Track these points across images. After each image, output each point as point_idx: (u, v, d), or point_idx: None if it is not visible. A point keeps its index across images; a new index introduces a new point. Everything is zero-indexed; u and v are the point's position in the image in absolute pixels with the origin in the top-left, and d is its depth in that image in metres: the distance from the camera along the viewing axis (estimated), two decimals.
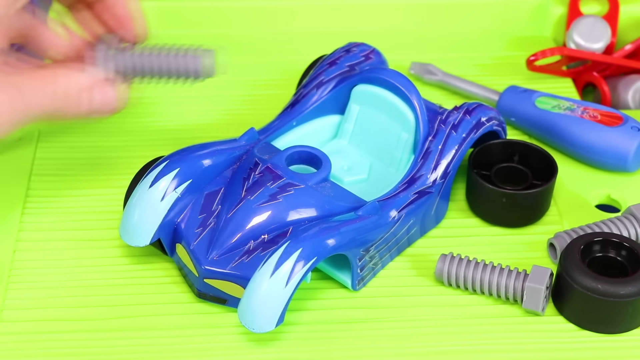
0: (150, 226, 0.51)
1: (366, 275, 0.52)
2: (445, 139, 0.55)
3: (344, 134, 0.59)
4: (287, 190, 0.51)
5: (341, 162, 0.57)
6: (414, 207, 0.53)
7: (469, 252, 0.53)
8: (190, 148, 0.53)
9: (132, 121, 0.65)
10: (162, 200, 0.51)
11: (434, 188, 0.54)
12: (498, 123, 0.58)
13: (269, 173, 0.52)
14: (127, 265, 0.54)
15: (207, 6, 0.74)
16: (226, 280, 0.50)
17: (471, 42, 0.74)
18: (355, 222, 0.50)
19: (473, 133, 0.56)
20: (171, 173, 0.51)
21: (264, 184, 0.51)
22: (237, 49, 0.72)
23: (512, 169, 0.58)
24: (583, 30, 0.70)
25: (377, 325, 0.51)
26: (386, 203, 0.52)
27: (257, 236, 0.50)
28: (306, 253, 0.47)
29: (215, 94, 0.68)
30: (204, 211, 0.52)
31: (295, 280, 0.47)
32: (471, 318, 0.51)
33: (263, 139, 0.56)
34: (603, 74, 0.71)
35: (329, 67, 0.60)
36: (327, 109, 0.59)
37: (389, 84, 0.57)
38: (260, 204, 0.51)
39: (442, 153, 0.55)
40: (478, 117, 0.56)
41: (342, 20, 0.75)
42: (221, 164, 0.53)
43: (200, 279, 0.50)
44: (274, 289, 0.47)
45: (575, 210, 0.58)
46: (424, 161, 0.55)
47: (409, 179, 0.54)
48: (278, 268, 0.47)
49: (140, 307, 0.51)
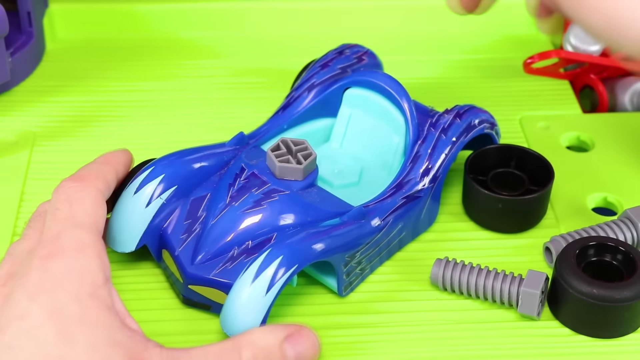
0: (136, 232, 0.51)
1: (354, 281, 0.52)
2: (435, 143, 0.55)
3: (335, 138, 0.59)
4: (272, 196, 0.51)
5: (332, 166, 0.57)
6: (402, 212, 0.53)
7: (465, 257, 0.53)
8: (177, 153, 0.53)
9: (127, 125, 0.65)
10: (147, 206, 0.51)
11: (423, 192, 0.54)
12: (490, 126, 0.57)
13: (255, 179, 0.52)
14: (114, 271, 0.53)
15: (201, 8, 0.74)
16: (210, 287, 0.49)
17: (468, 45, 0.74)
18: (339, 228, 0.50)
19: (463, 136, 0.55)
20: (157, 179, 0.51)
21: (249, 190, 0.51)
22: (230, 51, 0.72)
23: (509, 174, 0.58)
24: (580, 32, 0.70)
25: (372, 330, 0.50)
26: (373, 208, 0.52)
27: (242, 242, 0.50)
28: (288, 260, 0.47)
29: (208, 97, 0.68)
30: (189, 217, 0.52)
31: (276, 287, 0.46)
32: (466, 323, 0.51)
33: (252, 143, 0.56)
34: (600, 76, 0.70)
35: (320, 69, 0.59)
36: (319, 112, 0.59)
37: (379, 87, 0.57)
38: (244, 210, 0.50)
39: (432, 157, 0.55)
40: (469, 120, 0.56)
41: (337, 22, 0.74)
42: (208, 169, 0.53)
43: (185, 284, 0.50)
44: (255, 296, 0.46)
45: (572, 214, 0.58)
46: (413, 165, 0.54)
47: (397, 183, 0.54)
48: (259, 275, 0.46)
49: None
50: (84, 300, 0.42)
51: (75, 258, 0.43)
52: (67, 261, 0.43)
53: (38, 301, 0.42)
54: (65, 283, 0.42)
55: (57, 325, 0.41)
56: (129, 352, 0.42)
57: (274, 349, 0.45)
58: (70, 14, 0.74)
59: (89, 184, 0.48)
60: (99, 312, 0.42)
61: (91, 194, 0.47)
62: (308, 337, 0.46)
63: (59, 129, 0.65)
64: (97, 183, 0.48)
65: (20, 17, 0.69)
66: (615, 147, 0.63)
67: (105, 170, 0.50)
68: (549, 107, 0.68)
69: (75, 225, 0.45)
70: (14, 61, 0.67)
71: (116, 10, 0.74)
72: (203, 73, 0.70)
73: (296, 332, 0.45)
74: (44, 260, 0.43)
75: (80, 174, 0.49)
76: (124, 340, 0.42)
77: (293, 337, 0.45)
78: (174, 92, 0.69)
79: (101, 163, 0.51)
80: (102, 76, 0.70)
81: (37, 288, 0.42)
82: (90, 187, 0.48)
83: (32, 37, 0.70)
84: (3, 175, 0.60)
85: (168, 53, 0.72)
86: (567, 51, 0.69)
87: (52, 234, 0.45)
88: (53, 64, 0.71)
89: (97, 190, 0.48)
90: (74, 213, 0.46)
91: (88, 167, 0.50)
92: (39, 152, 0.62)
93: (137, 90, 0.69)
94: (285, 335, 0.45)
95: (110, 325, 0.42)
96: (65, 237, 0.44)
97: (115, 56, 0.72)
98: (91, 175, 0.49)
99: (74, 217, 0.46)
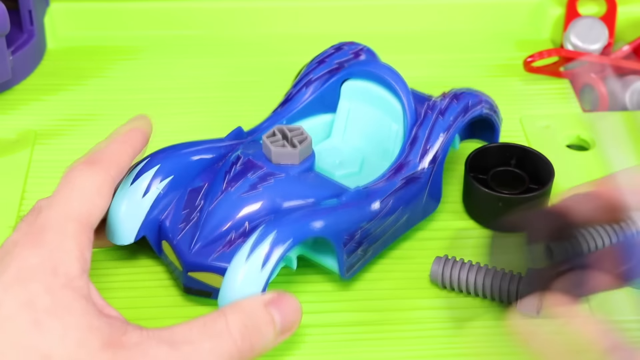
0: (134, 223, 0.51)
1: (355, 263, 0.51)
2: (432, 125, 0.55)
3: (336, 132, 0.59)
4: (268, 179, 0.51)
5: (333, 159, 0.57)
6: (402, 194, 0.53)
7: (464, 255, 0.53)
8: (174, 146, 0.53)
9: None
10: (143, 196, 0.51)
11: (423, 174, 0.54)
12: (489, 108, 0.57)
13: (251, 165, 0.52)
14: (115, 269, 0.54)
15: (201, 8, 0.74)
16: (209, 272, 0.49)
17: (468, 44, 0.74)
18: (336, 207, 0.50)
19: (461, 117, 0.56)
20: (152, 169, 0.51)
21: (245, 175, 0.51)
22: (231, 49, 0.73)
23: (509, 172, 0.58)
24: (580, 31, 0.70)
25: (371, 328, 0.50)
26: (373, 190, 0.52)
27: (239, 227, 0.50)
28: (282, 235, 0.47)
29: (208, 96, 0.68)
30: (187, 207, 0.52)
31: (271, 262, 0.46)
32: (466, 321, 0.51)
33: (251, 138, 0.56)
34: (600, 75, 0.70)
35: (317, 65, 0.60)
36: (318, 107, 0.59)
37: (375, 76, 0.57)
38: (240, 194, 0.50)
39: (429, 139, 0.55)
40: (466, 101, 0.56)
41: (337, 22, 0.75)
42: (205, 161, 0.53)
43: (185, 272, 0.50)
44: (250, 272, 0.46)
45: None
46: (412, 148, 0.55)
47: (396, 166, 0.54)
48: (253, 251, 0.46)
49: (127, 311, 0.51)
50: (56, 291, 0.42)
51: (52, 250, 0.43)
52: (43, 252, 0.43)
53: (10, 292, 0.42)
54: (39, 274, 0.42)
55: (29, 315, 0.41)
56: (106, 337, 0.42)
57: (260, 313, 0.45)
58: (71, 13, 0.74)
59: (99, 169, 0.47)
60: (73, 300, 0.42)
61: (96, 182, 0.47)
62: (291, 301, 0.46)
63: (59, 127, 0.65)
64: (109, 169, 0.47)
65: (21, 15, 0.69)
66: (615, 145, 0.63)
67: (120, 152, 0.49)
68: (549, 106, 0.68)
69: (65, 214, 0.45)
70: (15, 60, 0.67)
71: (117, 9, 0.74)
72: (203, 72, 0.70)
73: (280, 297, 0.46)
74: (22, 251, 0.43)
75: (94, 157, 0.48)
76: (100, 325, 0.42)
77: (277, 301, 0.46)
78: (174, 90, 0.69)
79: (118, 142, 0.49)
80: (102, 75, 0.70)
81: (11, 279, 0.42)
82: (99, 174, 0.47)
83: (33, 35, 0.70)
84: (4, 173, 0.60)
85: (169, 51, 0.73)
86: (567, 50, 0.69)
87: (39, 223, 0.44)
88: (54, 62, 0.72)
89: (105, 177, 0.47)
90: (70, 200, 0.46)
91: (103, 149, 0.49)
92: (39, 151, 0.62)
93: (138, 89, 0.69)
94: (270, 299, 0.45)
95: (86, 312, 0.42)
96: (49, 227, 0.44)
97: (115, 55, 0.72)
98: (104, 159, 0.48)
99: (68, 204, 0.45)
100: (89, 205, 0.46)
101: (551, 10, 0.74)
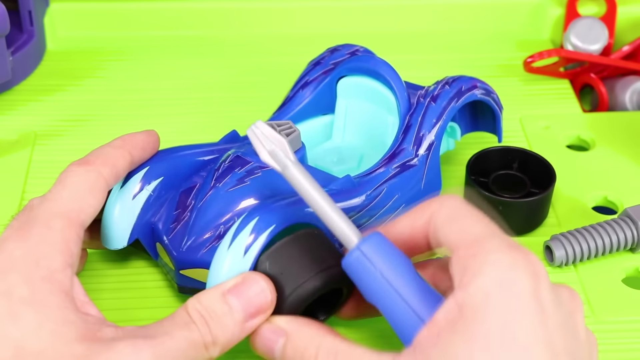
0: (126, 226, 0.50)
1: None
2: (425, 111, 0.55)
3: (337, 132, 0.59)
4: (255, 173, 0.50)
5: (332, 156, 0.57)
6: (396, 182, 0.53)
7: None
8: (166, 149, 0.53)
9: (128, 124, 0.65)
10: (134, 198, 0.51)
11: (419, 161, 0.54)
12: (484, 92, 0.57)
13: (239, 160, 0.51)
14: (113, 270, 0.54)
15: (201, 8, 0.74)
16: (200, 268, 0.49)
17: (468, 44, 0.74)
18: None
19: (454, 102, 0.55)
20: (141, 171, 0.51)
21: (232, 170, 0.51)
22: (230, 50, 0.73)
23: (511, 176, 0.58)
24: (580, 31, 0.70)
25: (371, 327, 0.50)
26: (365, 179, 0.52)
27: (228, 221, 0.50)
28: (264, 221, 0.46)
29: (208, 97, 0.68)
30: (178, 207, 0.51)
31: (254, 249, 0.46)
32: None
33: (247, 141, 0.55)
34: (600, 75, 0.71)
35: (314, 67, 0.60)
36: (316, 109, 0.59)
37: (367, 70, 0.57)
38: (228, 189, 0.50)
39: (422, 124, 0.54)
40: (459, 86, 0.56)
41: (338, 22, 0.75)
42: (197, 163, 0.53)
43: (177, 271, 0.50)
44: (233, 260, 0.46)
45: (573, 215, 0.57)
46: (405, 135, 0.54)
47: (390, 154, 0.54)
48: (235, 239, 0.46)
49: (123, 312, 0.51)
50: (35, 283, 0.42)
51: (37, 242, 0.43)
52: (27, 245, 0.43)
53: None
54: (20, 265, 0.42)
55: (5, 305, 0.41)
56: (81, 332, 0.41)
57: (217, 303, 0.44)
58: (71, 13, 0.74)
59: (92, 168, 0.47)
60: (51, 294, 0.42)
61: (89, 180, 0.47)
62: (254, 283, 0.45)
63: (59, 128, 0.65)
64: (102, 169, 0.47)
65: (21, 16, 0.69)
66: (615, 146, 0.63)
67: (116, 156, 0.49)
68: (549, 107, 0.68)
69: (54, 210, 0.45)
70: (14, 60, 0.67)
71: (117, 9, 0.74)
72: (204, 73, 0.70)
73: (239, 282, 0.45)
74: (8, 244, 0.43)
75: (88, 158, 0.48)
76: (75, 320, 0.42)
77: (236, 287, 0.45)
78: (173, 91, 0.69)
79: (114, 147, 0.49)
80: (102, 75, 0.70)
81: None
82: (92, 173, 0.47)
83: (33, 36, 0.70)
84: (4, 173, 0.60)
85: (168, 52, 0.73)
86: (567, 50, 0.69)
87: (28, 219, 0.45)
88: (54, 63, 0.71)
89: (98, 176, 0.47)
90: (61, 197, 0.46)
91: (98, 151, 0.49)
92: (39, 151, 0.62)
93: (138, 90, 0.69)
94: (228, 287, 0.45)
95: (63, 306, 0.42)
96: (37, 222, 0.44)
97: (115, 55, 0.72)
98: (98, 160, 0.48)
99: (59, 201, 0.45)
100: (80, 203, 0.46)
101: (551, 11, 0.74)
